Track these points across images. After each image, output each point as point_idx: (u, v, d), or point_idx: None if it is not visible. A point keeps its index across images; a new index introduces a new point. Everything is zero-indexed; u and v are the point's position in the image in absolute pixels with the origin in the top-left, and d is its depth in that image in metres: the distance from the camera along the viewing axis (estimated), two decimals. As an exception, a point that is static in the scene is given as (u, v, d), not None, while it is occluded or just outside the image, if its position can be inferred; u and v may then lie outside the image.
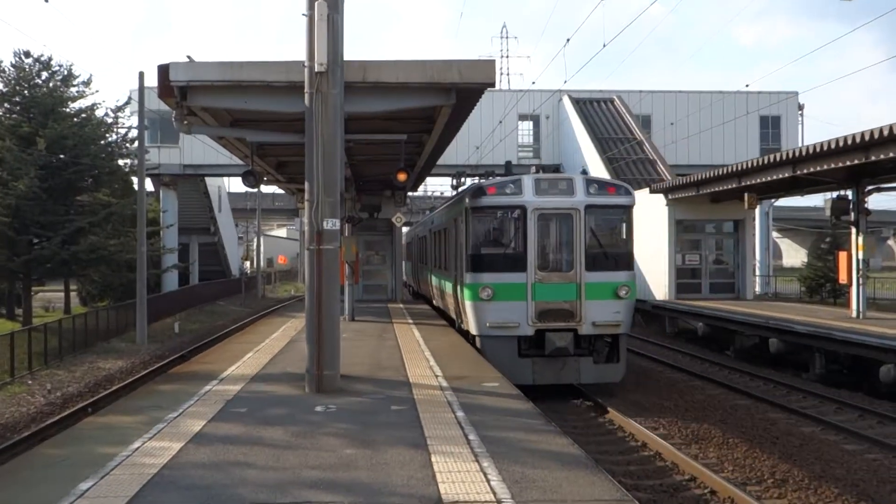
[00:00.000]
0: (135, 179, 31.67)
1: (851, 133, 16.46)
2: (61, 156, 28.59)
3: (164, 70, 11.50)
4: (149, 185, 39.84)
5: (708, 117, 39.34)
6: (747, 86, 24.35)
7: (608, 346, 15.42)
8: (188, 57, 12.50)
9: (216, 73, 11.49)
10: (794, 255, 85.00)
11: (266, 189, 55.62)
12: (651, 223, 28.85)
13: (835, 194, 22.09)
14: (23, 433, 13.63)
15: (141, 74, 25.94)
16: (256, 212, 54.05)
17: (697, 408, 15.04)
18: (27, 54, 29.66)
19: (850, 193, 20.79)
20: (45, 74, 29.78)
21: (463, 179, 33.96)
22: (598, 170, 34.17)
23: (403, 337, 17.80)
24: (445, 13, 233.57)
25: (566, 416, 14.02)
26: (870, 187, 20.23)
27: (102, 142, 30.64)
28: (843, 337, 16.79)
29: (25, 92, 29.17)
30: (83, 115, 30.24)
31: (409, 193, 41.99)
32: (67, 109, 29.88)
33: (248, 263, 67.10)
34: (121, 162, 31.82)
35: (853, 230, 20.89)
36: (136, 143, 29.92)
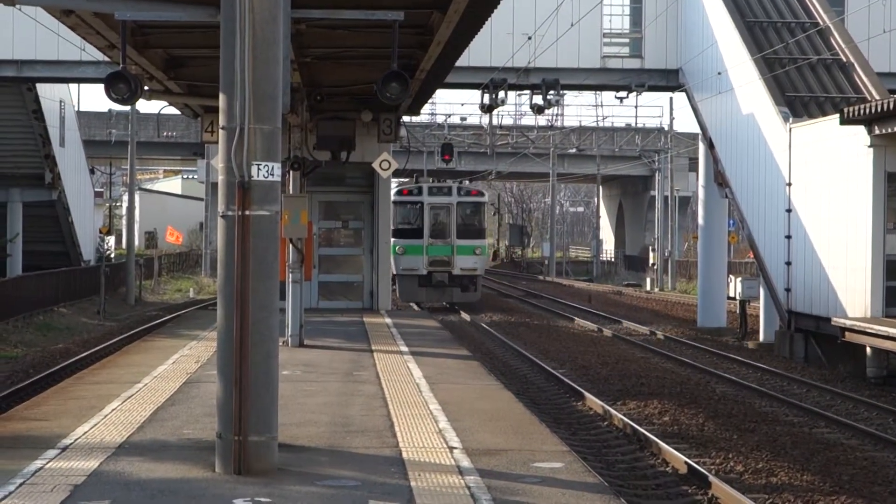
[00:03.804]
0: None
1: None
2: None
3: None
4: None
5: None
6: None
7: (470, 282, 49.36)
8: None
9: None
10: None
11: (146, 107, 55.67)
12: (835, 179, 28.68)
13: None
14: None
15: None
16: (129, 148, 54.19)
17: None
18: None
19: None
20: None
21: (501, 96, 35.54)
22: (747, 80, 33.98)
23: (391, 377, 17.90)
24: None
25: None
26: None
27: None
28: None
29: None
30: None
31: (406, 119, 41.93)
32: None
33: (112, 240, 67.40)
34: None
35: None
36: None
